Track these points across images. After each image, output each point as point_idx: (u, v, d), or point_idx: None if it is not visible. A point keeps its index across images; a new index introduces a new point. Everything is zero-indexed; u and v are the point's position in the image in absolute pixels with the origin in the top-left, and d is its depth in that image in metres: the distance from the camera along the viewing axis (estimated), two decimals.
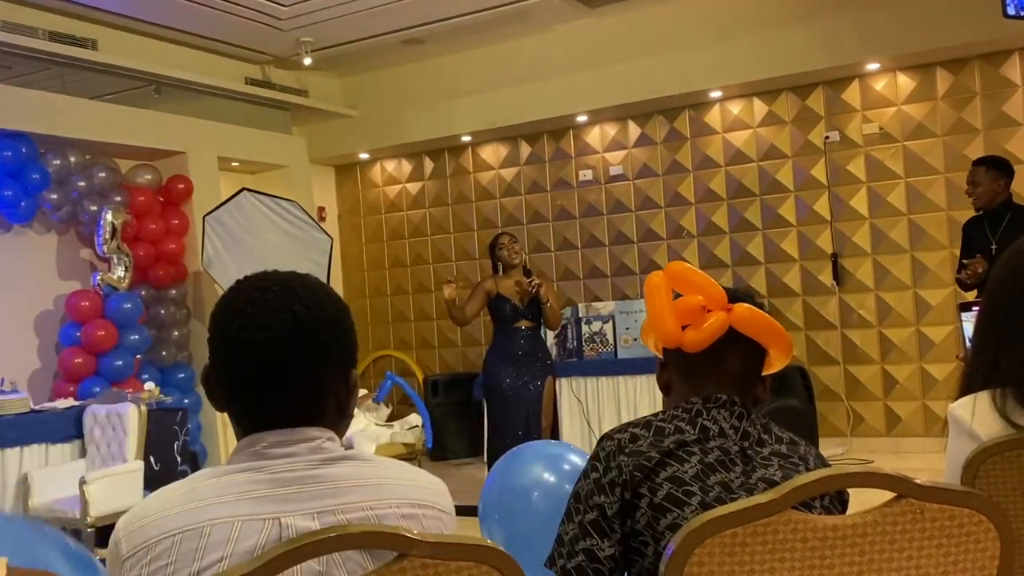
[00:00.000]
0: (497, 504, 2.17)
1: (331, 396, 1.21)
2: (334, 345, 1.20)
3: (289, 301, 1.17)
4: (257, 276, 1.22)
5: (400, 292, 8.54)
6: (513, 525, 2.12)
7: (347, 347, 1.23)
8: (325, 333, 1.19)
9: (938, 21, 6.02)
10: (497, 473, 2.24)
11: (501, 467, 2.26)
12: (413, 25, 6.88)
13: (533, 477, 2.16)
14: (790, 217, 6.91)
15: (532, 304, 5.40)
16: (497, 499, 2.18)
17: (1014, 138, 6.17)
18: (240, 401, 1.19)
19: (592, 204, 7.66)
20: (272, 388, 1.17)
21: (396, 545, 1.02)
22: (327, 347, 1.19)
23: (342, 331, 1.22)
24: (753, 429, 1.52)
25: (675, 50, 6.80)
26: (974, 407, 1.52)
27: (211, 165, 7.17)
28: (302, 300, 1.18)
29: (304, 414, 1.18)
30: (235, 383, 1.19)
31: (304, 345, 1.17)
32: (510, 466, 2.25)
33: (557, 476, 2.15)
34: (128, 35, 6.57)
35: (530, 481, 2.15)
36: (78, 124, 6.19)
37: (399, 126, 7.98)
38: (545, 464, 2.19)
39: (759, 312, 1.57)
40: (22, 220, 6.14)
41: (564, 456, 2.24)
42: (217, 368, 1.20)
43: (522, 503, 2.12)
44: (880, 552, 1.14)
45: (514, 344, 5.42)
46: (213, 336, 1.20)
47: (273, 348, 1.15)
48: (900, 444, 6.54)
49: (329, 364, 1.20)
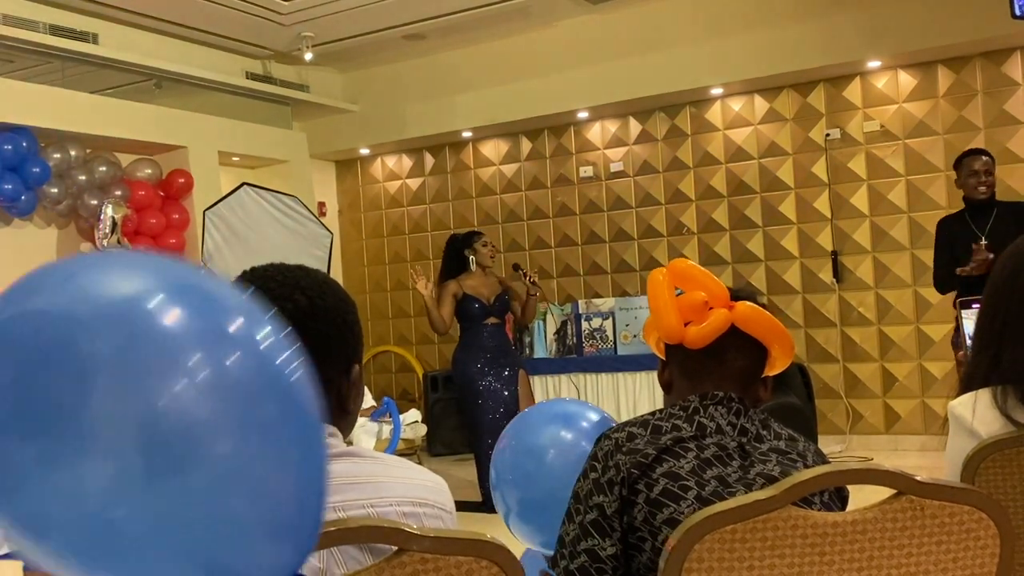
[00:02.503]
0: (511, 466, 2.13)
1: (332, 389, 1.21)
2: (335, 336, 1.20)
3: (291, 290, 1.17)
4: (263, 267, 1.22)
5: (400, 288, 8.54)
6: (528, 487, 2.09)
7: (349, 340, 1.22)
8: (326, 323, 1.18)
9: (940, 19, 6.01)
10: (510, 434, 2.19)
11: (514, 428, 2.21)
12: (414, 20, 6.87)
13: (548, 436, 2.11)
14: (790, 214, 6.91)
15: (498, 301, 5.47)
16: (511, 461, 2.14)
17: (1015, 137, 6.17)
18: None
19: (592, 200, 7.66)
20: None
21: (395, 540, 1.02)
22: (328, 338, 1.19)
23: (344, 323, 1.21)
24: (751, 425, 1.53)
25: (676, 47, 6.80)
26: (974, 405, 1.52)
27: (211, 160, 7.16)
28: (304, 290, 1.18)
29: None
30: None
31: (304, 334, 1.17)
32: (523, 426, 2.20)
33: (574, 434, 2.09)
34: (129, 29, 6.56)
35: (546, 441, 2.10)
36: (79, 118, 6.19)
37: (400, 121, 7.98)
38: (561, 423, 2.14)
39: (761, 310, 1.58)
40: (22, 214, 6.13)
41: (581, 414, 2.17)
42: None
43: (536, 464, 2.08)
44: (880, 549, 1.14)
45: (485, 341, 5.47)
46: None
47: None
48: (899, 442, 6.54)
49: (330, 355, 1.19)
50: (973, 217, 4.89)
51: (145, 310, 0.65)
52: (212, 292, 0.71)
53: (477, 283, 5.52)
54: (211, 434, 0.63)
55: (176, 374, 0.63)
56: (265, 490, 0.66)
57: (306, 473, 0.71)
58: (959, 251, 4.82)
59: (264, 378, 0.69)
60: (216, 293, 0.71)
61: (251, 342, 0.69)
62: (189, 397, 0.63)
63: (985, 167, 4.93)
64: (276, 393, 0.69)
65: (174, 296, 0.67)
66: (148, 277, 0.68)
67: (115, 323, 0.63)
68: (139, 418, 0.61)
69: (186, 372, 0.63)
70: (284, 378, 0.71)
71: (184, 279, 0.70)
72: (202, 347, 0.65)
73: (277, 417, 0.68)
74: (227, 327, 0.68)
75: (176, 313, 0.65)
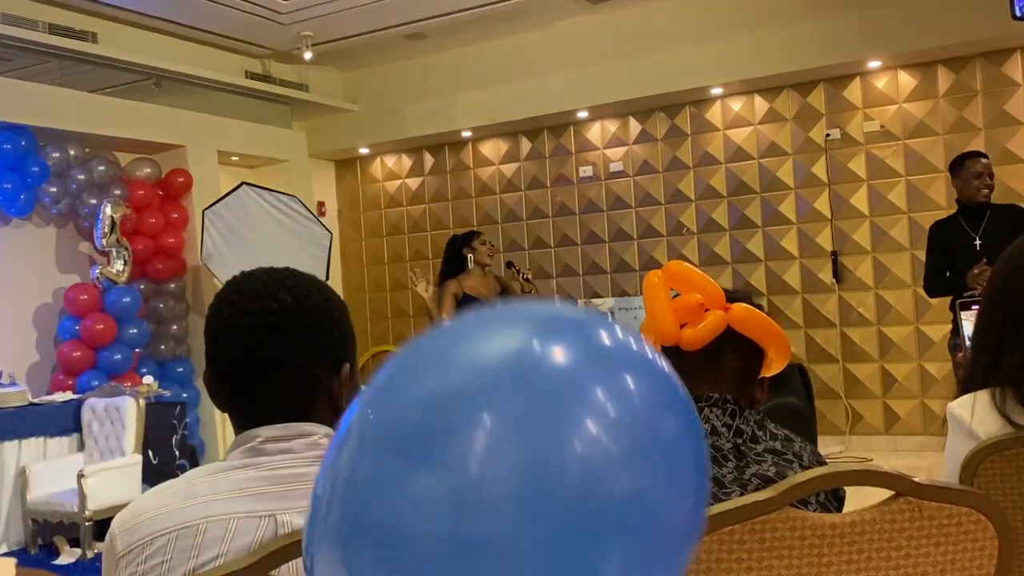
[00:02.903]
0: None
1: (321, 388, 1.21)
2: (322, 334, 1.20)
3: (275, 289, 1.18)
4: (251, 271, 1.23)
5: (399, 287, 8.54)
6: None
7: (337, 339, 1.22)
8: (311, 321, 1.19)
9: (940, 19, 6.01)
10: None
11: None
12: (414, 20, 6.87)
13: None
14: (790, 214, 6.91)
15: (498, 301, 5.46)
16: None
17: (1015, 137, 6.17)
18: (231, 392, 1.19)
19: (592, 200, 7.65)
20: (257, 375, 1.16)
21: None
22: (315, 335, 1.19)
23: (331, 321, 1.22)
24: (746, 426, 1.52)
25: (676, 47, 6.80)
26: (973, 406, 1.52)
27: (211, 159, 7.16)
28: (289, 289, 1.18)
29: (296, 405, 1.18)
30: (224, 372, 1.19)
31: (289, 331, 1.17)
32: None
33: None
34: (128, 28, 6.56)
35: None
36: (78, 117, 6.19)
37: (399, 121, 7.98)
38: None
39: (756, 312, 1.58)
40: (21, 213, 6.13)
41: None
42: (208, 361, 1.21)
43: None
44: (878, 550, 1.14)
45: None
46: (205, 329, 1.21)
47: (257, 334, 1.15)
48: (898, 442, 6.54)
49: (316, 354, 1.19)
50: (967, 219, 4.88)
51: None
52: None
53: (477, 283, 5.52)
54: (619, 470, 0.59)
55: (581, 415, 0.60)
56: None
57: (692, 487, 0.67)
58: (955, 254, 4.81)
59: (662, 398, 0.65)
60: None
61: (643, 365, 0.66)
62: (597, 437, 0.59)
63: (987, 169, 4.93)
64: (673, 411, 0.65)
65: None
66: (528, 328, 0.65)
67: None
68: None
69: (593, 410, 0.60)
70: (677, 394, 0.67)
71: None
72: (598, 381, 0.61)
73: (674, 437, 0.64)
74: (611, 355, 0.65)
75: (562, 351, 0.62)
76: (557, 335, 0.64)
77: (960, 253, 4.73)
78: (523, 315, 0.68)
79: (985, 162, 4.94)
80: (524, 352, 0.62)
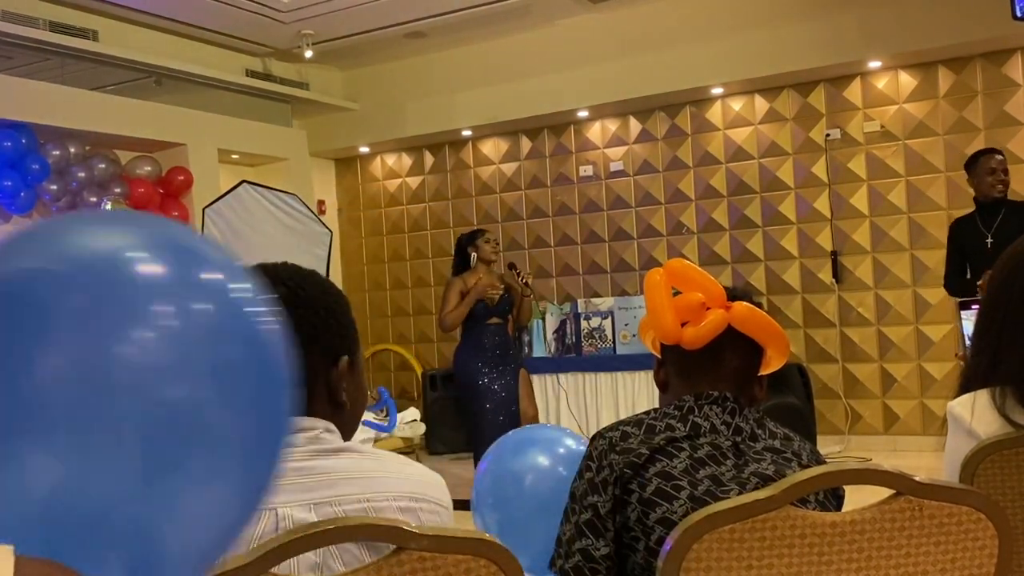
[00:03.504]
0: (490, 490, 2.17)
1: (319, 380, 1.21)
2: (319, 325, 1.20)
3: (271, 281, 1.18)
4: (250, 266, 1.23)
5: (399, 286, 8.54)
6: (507, 510, 2.13)
7: (335, 331, 1.23)
8: (308, 311, 1.19)
9: (940, 20, 6.01)
10: (491, 458, 2.24)
11: (495, 452, 2.26)
12: (415, 19, 6.87)
13: (527, 462, 2.16)
14: (790, 214, 6.91)
15: (501, 301, 5.46)
16: (491, 485, 2.18)
17: (1015, 137, 6.17)
18: None
19: (592, 200, 7.65)
20: None
21: (394, 538, 1.02)
22: (311, 326, 1.19)
23: (328, 313, 1.22)
24: (746, 424, 1.53)
25: (677, 46, 6.80)
26: (973, 405, 1.52)
27: (211, 157, 7.16)
28: (285, 281, 1.19)
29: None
30: None
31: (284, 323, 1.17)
32: (504, 451, 2.25)
33: (551, 460, 2.16)
34: (129, 26, 6.56)
35: (524, 466, 2.16)
36: (78, 115, 6.19)
37: (400, 120, 7.97)
38: (539, 448, 2.19)
39: (758, 311, 1.58)
40: (22, 211, 6.13)
41: (559, 440, 2.24)
42: None
43: (516, 488, 2.12)
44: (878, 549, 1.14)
45: (487, 340, 5.46)
46: None
47: None
48: (898, 442, 6.54)
49: (312, 346, 1.19)
50: (983, 217, 4.90)
51: (117, 262, 0.66)
52: (188, 245, 0.71)
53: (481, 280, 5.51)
54: (169, 378, 0.63)
55: (140, 320, 0.63)
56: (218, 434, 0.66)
57: (266, 420, 0.71)
58: (969, 252, 4.82)
59: (229, 324, 0.69)
60: (192, 245, 0.72)
61: (221, 290, 0.70)
62: (150, 342, 0.63)
63: (1001, 165, 4.95)
64: (241, 338, 0.69)
65: (149, 250, 0.68)
66: (127, 233, 0.69)
67: (87, 276, 0.64)
68: (94, 361, 0.62)
69: (149, 318, 0.64)
70: (251, 325, 0.71)
71: (164, 234, 0.71)
72: (168, 295, 0.66)
73: (239, 360, 0.68)
74: (198, 277, 0.69)
75: (148, 265, 0.66)
76: (154, 248, 0.68)
77: (973, 251, 4.76)
78: (132, 221, 0.74)
79: (999, 159, 4.96)
80: (112, 253, 0.66)
